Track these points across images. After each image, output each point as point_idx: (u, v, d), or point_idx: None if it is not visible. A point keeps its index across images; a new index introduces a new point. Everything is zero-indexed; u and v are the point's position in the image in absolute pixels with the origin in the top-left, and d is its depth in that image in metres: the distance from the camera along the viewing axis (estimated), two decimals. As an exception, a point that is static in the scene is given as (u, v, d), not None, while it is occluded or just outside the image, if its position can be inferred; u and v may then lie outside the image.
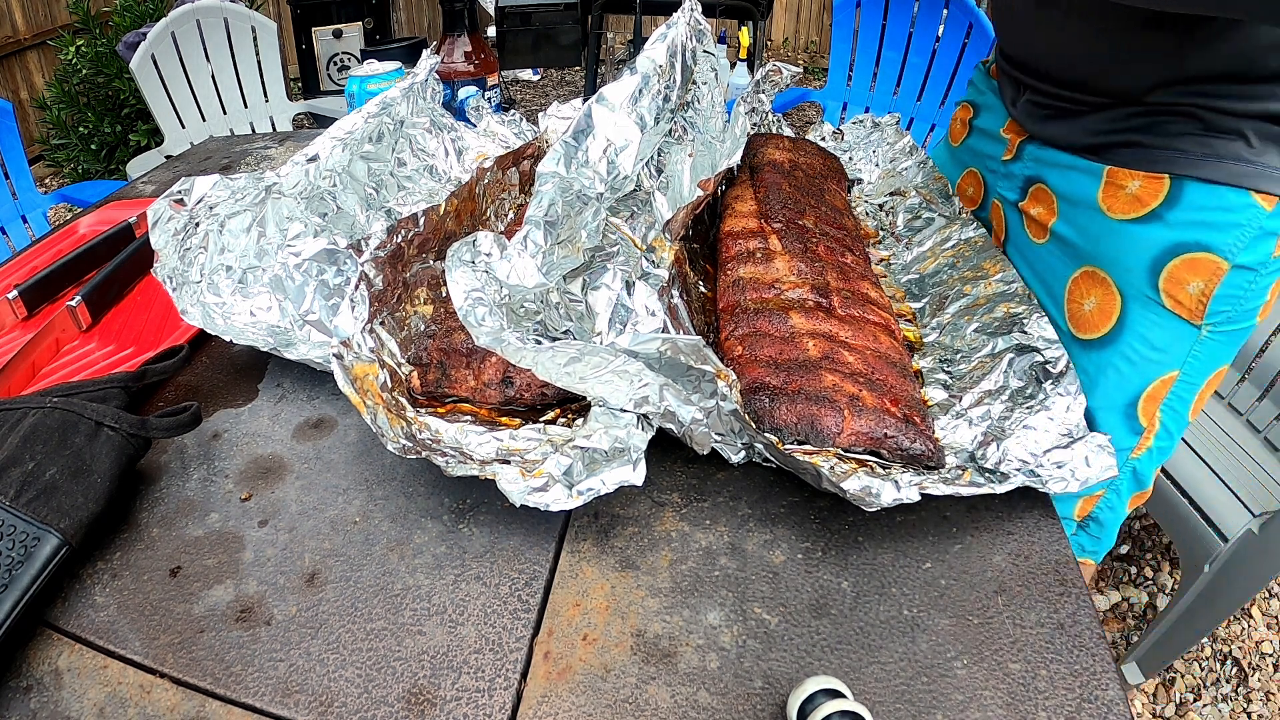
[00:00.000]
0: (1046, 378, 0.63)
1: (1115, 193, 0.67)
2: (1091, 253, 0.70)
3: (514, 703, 0.47)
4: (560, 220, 0.61)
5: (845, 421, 0.60)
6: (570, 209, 0.62)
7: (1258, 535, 1.32)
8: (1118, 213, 0.67)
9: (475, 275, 0.56)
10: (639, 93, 0.68)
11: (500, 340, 0.54)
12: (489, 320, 0.54)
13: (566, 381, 0.56)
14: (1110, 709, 0.47)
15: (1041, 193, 0.76)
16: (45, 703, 0.47)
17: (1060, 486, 0.57)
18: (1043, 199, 0.76)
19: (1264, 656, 1.70)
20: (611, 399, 0.57)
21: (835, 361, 0.64)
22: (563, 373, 0.55)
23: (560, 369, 0.55)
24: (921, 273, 0.83)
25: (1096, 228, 0.69)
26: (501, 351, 0.55)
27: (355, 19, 3.30)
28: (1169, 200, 0.64)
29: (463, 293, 0.55)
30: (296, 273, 0.70)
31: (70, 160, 2.95)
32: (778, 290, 0.72)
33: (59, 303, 0.85)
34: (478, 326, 0.54)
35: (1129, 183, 0.66)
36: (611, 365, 0.54)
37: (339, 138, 0.84)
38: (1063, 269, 0.74)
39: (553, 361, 0.54)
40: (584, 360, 0.54)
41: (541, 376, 0.56)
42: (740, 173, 0.94)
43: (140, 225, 0.96)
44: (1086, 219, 0.70)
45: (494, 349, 0.55)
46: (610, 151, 0.65)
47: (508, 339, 0.54)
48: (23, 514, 0.51)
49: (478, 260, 0.57)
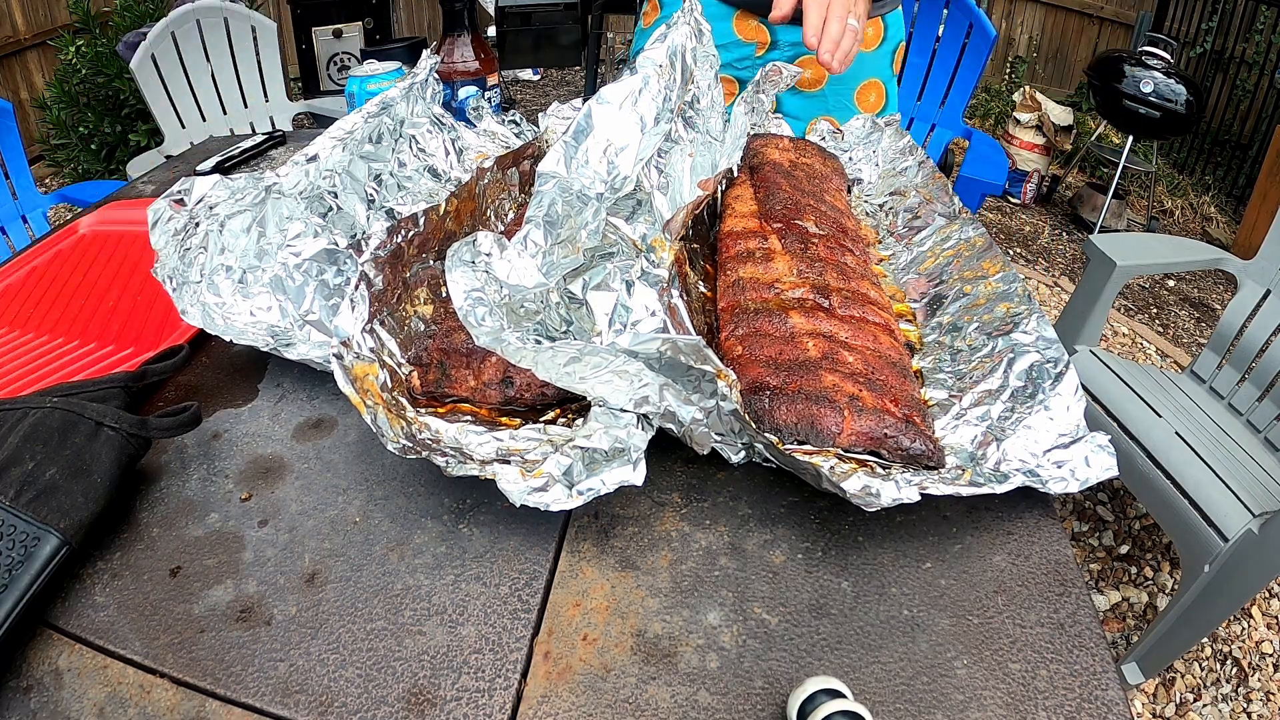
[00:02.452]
0: (1046, 378, 0.63)
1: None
2: (863, 72, 1.18)
3: (514, 703, 0.47)
4: (560, 220, 0.61)
5: (845, 421, 0.60)
6: (570, 208, 0.62)
7: (1258, 535, 1.32)
8: (867, 47, 1.15)
9: (475, 275, 0.56)
10: (639, 93, 0.68)
11: (500, 340, 0.54)
12: (489, 320, 0.54)
13: (566, 381, 0.56)
14: (1110, 709, 0.47)
15: (807, 61, 1.11)
16: (45, 703, 0.47)
17: (1060, 486, 0.57)
18: (809, 65, 1.11)
19: (1264, 656, 1.70)
20: (611, 399, 0.57)
21: (835, 361, 0.64)
22: (563, 372, 0.55)
23: (560, 369, 0.55)
24: (921, 272, 0.83)
25: (858, 62, 1.02)
26: (501, 351, 0.55)
27: (355, 19, 3.30)
28: (886, 28, 1.17)
29: (462, 293, 0.55)
30: (296, 273, 0.70)
31: (70, 160, 2.95)
32: (778, 290, 0.72)
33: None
34: (478, 326, 0.54)
35: (867, 30, 1.07)
36: (611, 365, 0.54)
37: (339, 138, 0.84)
38: (846, 91, 1.19)
39: (552, 361, 0.54)
40: (584, 360, 0.54)
41: (541, 376, 0.56)
42: (740, 173, 0.94)
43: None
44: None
45: (494, 349, 0.55)
46: (610, 152, 0.65)
47: (507, 339, 0.54)
48: (23, 514, 0.51)
49: (477, 260, 0.57)
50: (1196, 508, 1.39)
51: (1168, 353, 2.72)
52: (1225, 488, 1.41)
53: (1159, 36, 3.16)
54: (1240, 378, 1.73)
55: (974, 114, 4.20)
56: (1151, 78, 2.97)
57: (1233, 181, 3.70)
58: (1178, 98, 2.96)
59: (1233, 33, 3.61)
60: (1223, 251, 1.84)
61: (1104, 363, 1.70)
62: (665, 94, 0.71)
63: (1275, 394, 1.64)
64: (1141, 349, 2.73)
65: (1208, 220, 3.66)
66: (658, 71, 0.70)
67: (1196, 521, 1.38)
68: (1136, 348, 2.73)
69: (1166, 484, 1.45)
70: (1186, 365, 1.87)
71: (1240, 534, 1.33)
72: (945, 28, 2.54)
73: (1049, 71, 4.53)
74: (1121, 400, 1.60)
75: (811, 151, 0.98)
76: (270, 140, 1.24)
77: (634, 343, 0.53)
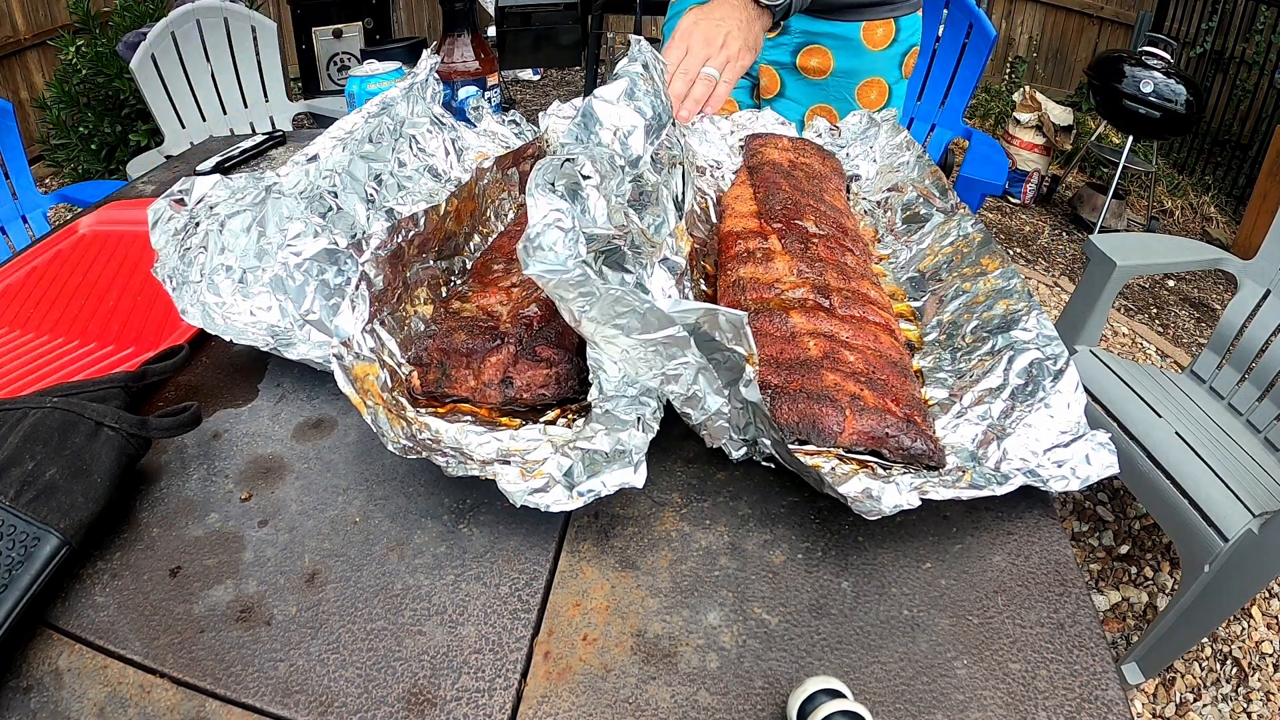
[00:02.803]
0: (1046, 375, 0.63)
1: (870, 36, 1.18)
2: (868, 69, 1.21)
3: (514, 703, 0.47)
4: (602, 178, 0.60)
5: (847, 421, 0.60)
6: (605, 170, 0.62)
7: (1258, 535, 1.32)
8: (876, 46, 1.19)
9: (557, 199, 0.54)
10: (631, 91, 0.68)
11: (559, 268, 0.51)
12: (561, 247, 0.52)
13: (604, 336, 0.55)
14: (1110, 709, 0.47)
15: (815, 50, 1.20)
16: (45, 703, 0.47)
17: (1061, 485, 0.57)
18: (816, 53, 1.20)
19: (1264, 656, 1.70)
20: (637, 371, 0.56)
21: (836, 361, 0.64)
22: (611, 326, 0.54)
23: (611, 318, 0.53)
24: (921, 270, 0.83)
25: (864, 59, 1.20)
26: (555, 286, 0.52)
27: (355, 19, 3.30)
28: (897, 30, 1.19)
29: (542, 213, 0.53)
30: (297, 272, 0.70)
31: (70, 160, 2.95)
32: (778, 290, 0.72)
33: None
34: (547, 250, 0.52)
35: (877, 30, 1.18)
36: (661, 333, 0.53)
37: (339, 138, 0.84)
38: (849, 84, 1.23)
39: (611, 309, 0.52)
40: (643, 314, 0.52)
41: (584, 329, 0.55)
42: (740, 172, 0.94)
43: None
44: (856, 55, 1.19)
45: (547, 282, 0.52)
46: (620, 134, 0.65)
47: (571, 269, 0.51)
48: (23, 514, 0.51)
49: (558, 184, 0.55)
50: (1196, 508, 1.39)
51: (1168, 353, 2.72)
52: (1225, 488, 1.41)
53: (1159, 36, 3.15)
54: (1240, 378, 1.73)
55: (974, 114, 4.20)
56: (1151, 78, 2.96)
57: (1233, 181, 3.70)
58: (1178, 98, 2.95)
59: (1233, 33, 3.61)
60: (1223, 251, 1.84)
61: (1104, 363, 1.70)
62: (654, 95, 0.72)
63: (1275, 394, 1.64)
64: (1141, 349, 2.73)
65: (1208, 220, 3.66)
66: (641, 77, 0.71)
67: (1196, 521, 1.38)
68: (1136, 348, 2.73)
69: (1166, 484, 1.45)
70: (1186, 365, 1.87)
71: (1240, 534, 1.33)
72: (945, 28, 2.53)
73: (1049, 71, 4.53)
74: (1121, 400, 1.60)
75: (810, 151, 0.97)
76: (270, 140, 1.24)
77: (673, 308, 0.52)
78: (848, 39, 1.18)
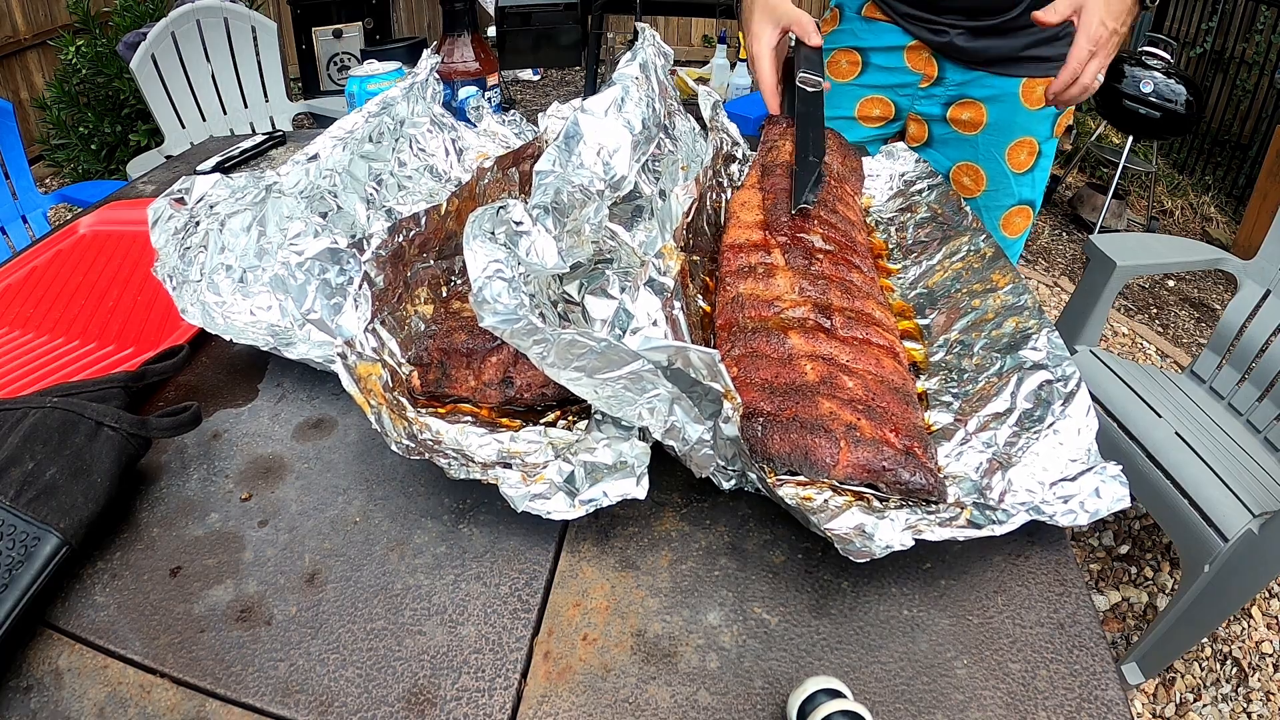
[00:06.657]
0: (1056, 398, 0.60)
1: (1029, 94, 1.14)
2: (1022, 128, 1.17)
3: (514, 703, 0.47)
4: (567, 209, 0.60)
5: (841, 453, 0.57)
6: (574, 200, 0.61)
7: (1258, 535, 1.32)
8: (1033, 105, 1.14)
9: (496, 248, 0.53)
10: (621, 101, 0.68)
11: (513, 320, 0.51)
12: (506, 297, 0.51)
13: (570, 379, 0.54)
14: (1110, 709, 0.47)
15: (969, 104, 1.17)
16: (45, 703, 0.47)
17: (1069, 520, 0.54)
18: (969, 107, 1.17)
19: (1264, 656, 1.70)
20: (616, 410, 0.55)
21: (834, 386, 0.61)
22: (572, 371, 0.53)
23: (571, 364, 0.53)
24: (930, 287, 0.79)
25: (1022, 116, 1.16)
26: (509, 336, 0.51)
27: (355, 19, 3.30)
28: None
29: (481, 265, 0.52)
30: (299, 271, 0.70)
31: (70, 160, 2.95)
32: (777, 309, 0.68)
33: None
34: (492, 303, 0.51)
35: (1038, 88, 1.13)
36: (627, 368, 0.52)
37: (339, 137, 0.84)
38: (1000, 142, 1.18)
39: (568, 352, 0.51)
40: (602, 355, 0.51)
41: (548, 373, 0.54)
42: (751, 169, 0.90)
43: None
44: (1012, 112, 1.15)
45: (502, 332, 0.52)
46: (604, 154, 0.65)
47: (523, 318, 0.50)
48: (23, 514, 0.51)
49: (497, 232, 0.54)
50: (1196, 508, 1.39)
51: (1168, 353, 2.72)
52: (1225, 488, 1.41)
53: (1159, 36, 3.15)
54: (1240, 378, 1.73)
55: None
56: (1151, 78, 2.96)
57: (1233, 181, 3.70)
58: (1178, 98, 2.95)
59: (1233, 33, 3.61)
60: (1223, 251, 1.84)
61: (1104, 363, 1.70)
62: (648, 101, 0.71)
63: (1275, 394, 1.64)
64: (1141, 349, 2.73)
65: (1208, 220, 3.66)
66: (635, 82, 0.70)
67: (1196, 521, 1.38)
68: (1136, 348, 2.73)
69: (1166, 484, 1.45)
70: (1186, 365, 1.87)
71: (1240, 534, 1.33)
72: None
73: (1049, 71, 4.52)
74: (1121, 400, 1.60)
75: (832, 147, 0.90)
76: (270, 140, 1.24)
77: (642, 346, 0.51)
78: (1006, 95, 1.14)
